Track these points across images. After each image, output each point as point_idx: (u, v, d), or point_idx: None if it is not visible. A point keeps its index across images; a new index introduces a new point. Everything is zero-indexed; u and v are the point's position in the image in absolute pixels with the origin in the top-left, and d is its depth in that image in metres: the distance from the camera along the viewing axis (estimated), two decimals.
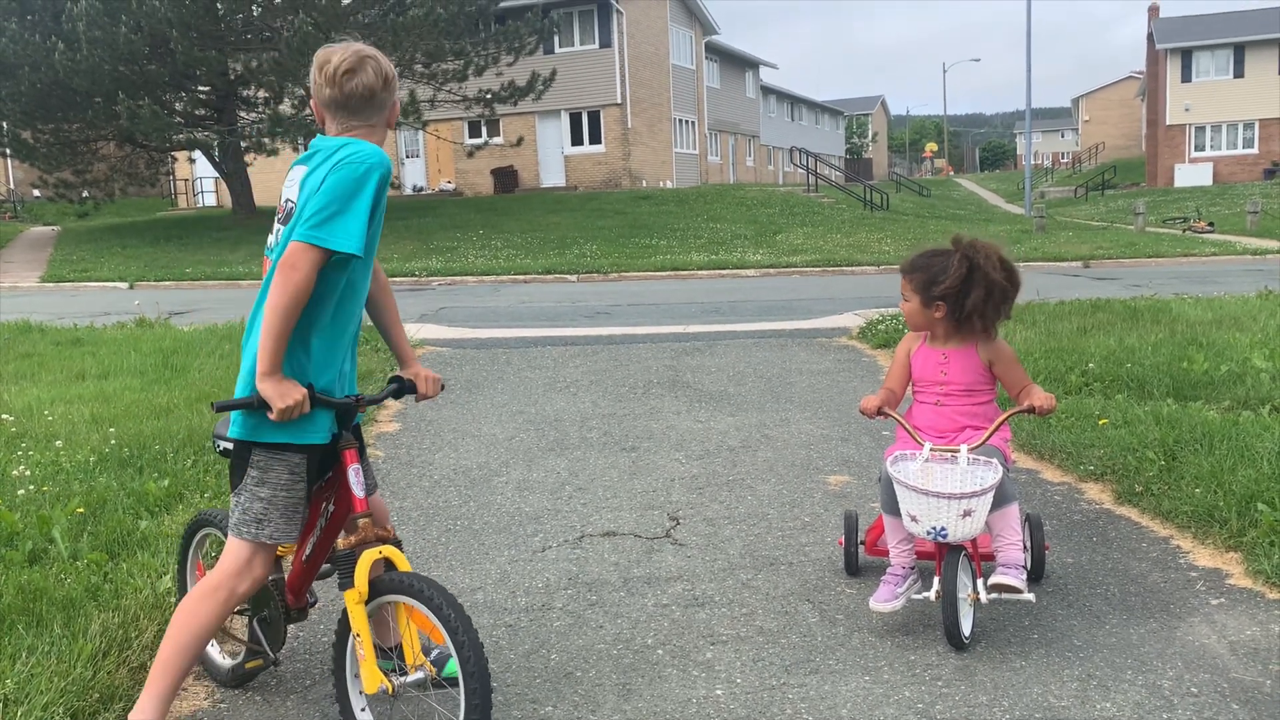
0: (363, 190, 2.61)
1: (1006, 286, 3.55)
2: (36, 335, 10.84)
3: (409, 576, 2.74)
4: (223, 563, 2.85)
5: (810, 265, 19.74)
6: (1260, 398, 6.28)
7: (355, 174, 2.61)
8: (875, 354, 9.25)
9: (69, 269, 22.31)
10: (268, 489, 2.79)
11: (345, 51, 2.74)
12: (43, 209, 34.94)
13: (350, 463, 2.83)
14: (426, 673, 2.77)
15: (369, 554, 2.75)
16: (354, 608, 2.75)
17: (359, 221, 2.61)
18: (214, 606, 2.82)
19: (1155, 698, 3.12)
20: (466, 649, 2.61)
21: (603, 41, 35.85)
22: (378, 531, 2.81)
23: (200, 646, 2.85)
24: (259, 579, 2.86)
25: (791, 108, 61.37)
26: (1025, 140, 31.94)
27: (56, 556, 4.16)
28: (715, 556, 4.42)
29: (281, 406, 2.61)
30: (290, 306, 2.58)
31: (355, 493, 2.80)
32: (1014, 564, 3.52)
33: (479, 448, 6.34)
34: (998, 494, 3.48)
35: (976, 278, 3.51)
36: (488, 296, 16.25)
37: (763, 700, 3.19)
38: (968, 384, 3.67)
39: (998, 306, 3.57)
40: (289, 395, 2.63)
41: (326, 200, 2.59)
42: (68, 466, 5.40)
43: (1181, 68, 46.04)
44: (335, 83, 2.72)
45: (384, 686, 2.73)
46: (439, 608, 2.64)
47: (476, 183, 37.16)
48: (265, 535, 2.81)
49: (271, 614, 3.11)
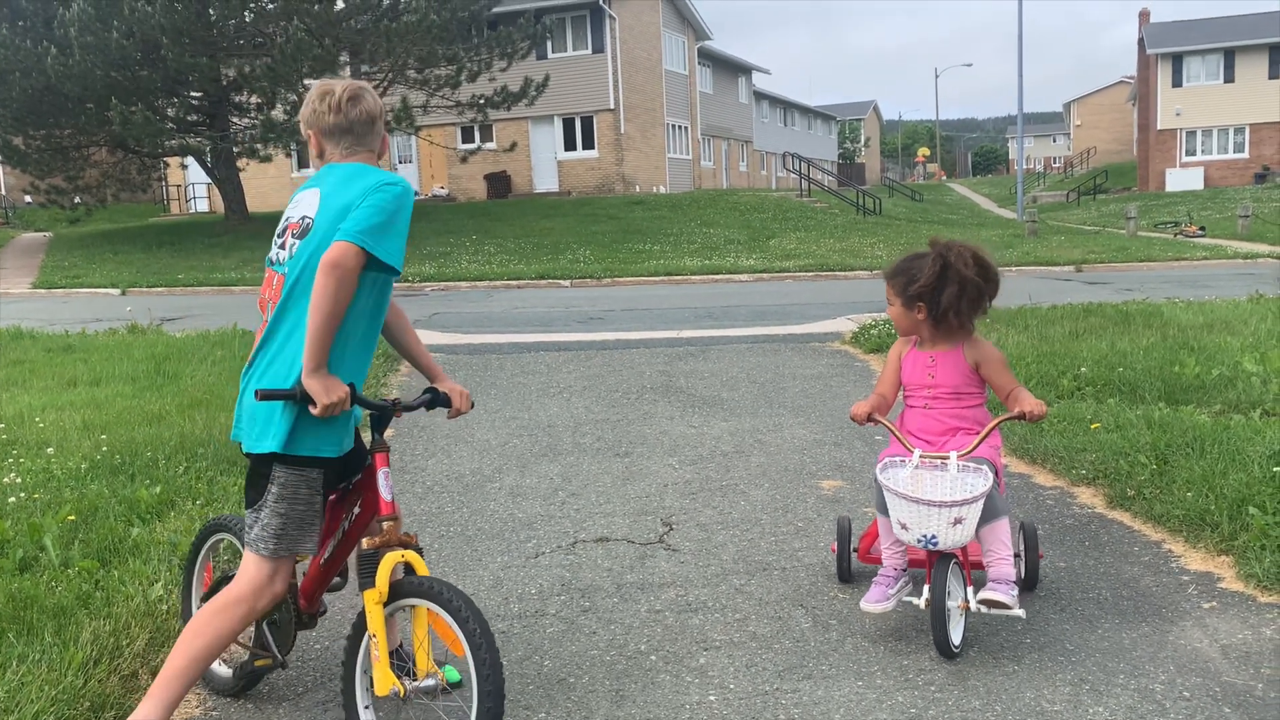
0: (403, 211, 2.76)
1: (980, 283, 3.56)
2: (28, 342, 10.81)
3: (434, 582, 2.76)
4: (242, 577, 2.86)
5: (803, 270, 19.76)
6: (1251, 401, 6.30)
7: (396, 195, 2.75)
8: (868, 359, 9.26)
9: (61, 275, 22.25)
10: (286, 504, 2.82)
11: (345, 82, 2.92)
12: (34, 215, 34.87)
13: (381, 465, 2.88)
14: (438, 681, 2.79)
15: (391, 556, 2.78)
16: (373, 608, 2.77)
17: (401, 240, 2.75)
18: (230, 620, 2.85)
19: (1147, 702, 3.12)
20: (487, 666, 2.62)
21: (595, 47, 35.88)
22: (402, 536, 2.85)
23: (213, 658, 2.87)
24: (279, 594, 2.89)
25: (784, 113, 61.47)
26: (1017, 145, 32.05)
27: (47, 564, 4.15)
28: (708, 562, 4.42)
29: (327, 401, 2.68)
30: (338, 303, 2.66)
31: (384, 495, 2.85)
32: (1004, 579, 3.51)
33: (472, 453, 6.34)
34: (988, 508, 3.47)
35: (950, 275, 3.54)
36: (481, 302, 16.24)
37: (756, 706, 3.19)
38: (955, 386, 3.67)
39: (972, 303, 3.58)
40: (334, 391, 2.70)
41: (373, 212, 2.70)
42: (59, 474, 5.38)
43: (1172, 72, 46.22)
44: (340, 109, 2.86)
45: (395, 689, 2.75)
46: (465, 620, 2.66)
47: (470, 188, 37.15)
48: (285, 550, 2.85)
49: (282, 617, 3.12)
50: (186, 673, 2.82)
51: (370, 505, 2.92)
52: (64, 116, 24.97)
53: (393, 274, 2.81)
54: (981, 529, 3.52)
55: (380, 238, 2.68)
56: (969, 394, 3.70)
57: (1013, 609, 3.44)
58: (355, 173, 2.82)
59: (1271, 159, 45.00)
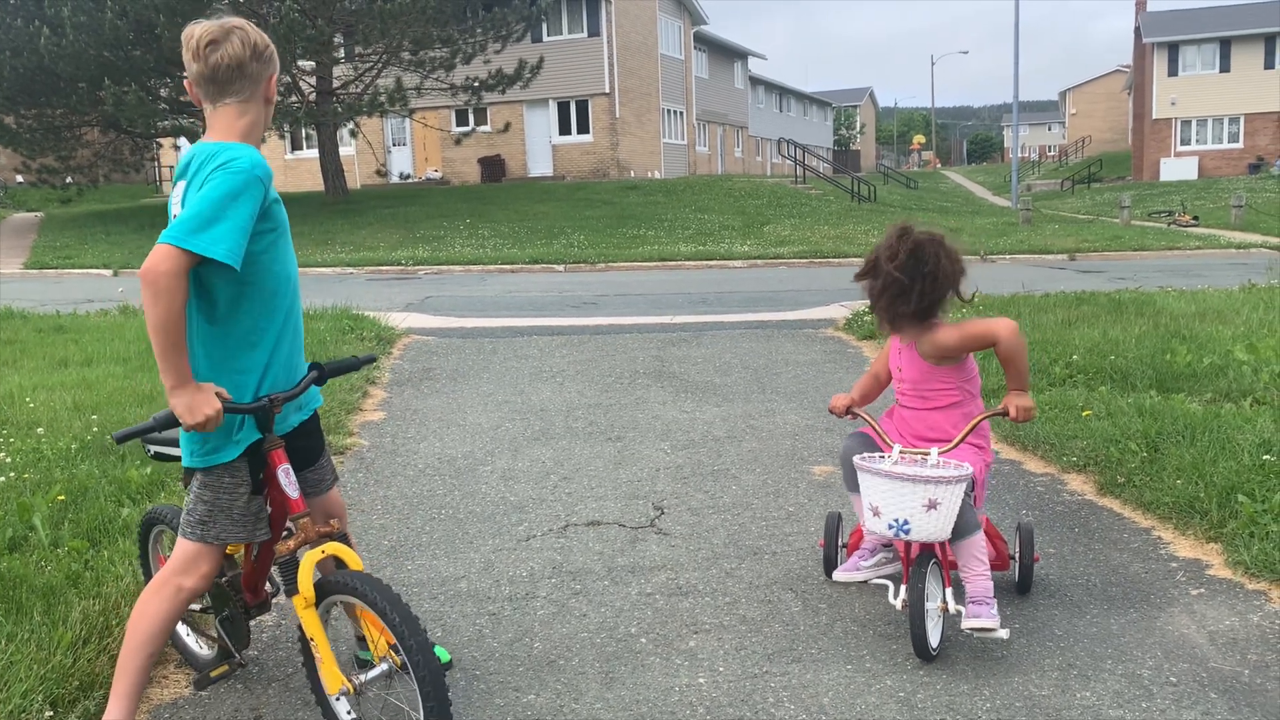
0: (242, 197, 2.50)
1: (899, 279, 3.38)
2: (19, 322, 10.76)
3: (353, 577, 2.66)
4: (170, 560, 2.83)
5: (797, 257, 19.75)
6: (1242, 390, 6.32)
7: (230, 178, 2.49)
8: (861, 345, 9.27)
9: (52, 255, 22.14)
10: (210, 492, 2.75)
11: (210, 24, 2.61)
12: (25, 195, 34.65)
13: (278, 464, 2.73)
14: (391, 664, 2.70)
15: (310, 556, 2.68)
16: (302, 613, 2.70)
17: (230, 225, 2.47)
18: (162, 603, 2.78)
19: (1134, 687, 3.14)
20: (415, 652, 2.54)
21: (591, 30, 35.73)
22: (318, 529, 2.73)
23: (156, 643, 2.80)
24: (207, 574, 2.80)
25: (780, 99, 61.33)
26: (1012, 133, 32.06)
27: (37, 544, 4.14)
28: (699, 546, 4.43)
29: (191, 423, 2.51)
30: (164, 314, 2.44)
31: (288, 494, 2.72)
32: (983, 597, 3.37)
33: (464, 437, 6.33)
34: (959, 524, 3.32)
35: (877, 269, 3.46)
36: (474, 286, 16.21)
37: (745, 689, 3.20)
38: (914, 380, 3.56)
39: (893, 300, 3.41)
40: (198, 410, 2.51)
41: (199, 203, 2.46)
42: (49, 454, 5.37)
43: (1168, 62, 46.19)
44: (200, 56, 2.60)
45: (345, 687, 2.70)
46: (384, 611, 2.58)
47: (463, 171, 37.04)
48: (210, 537, 2.77)
49: (233, 613, 3.06)
50: (132, 661, 2.78)
51: (279, 505, 2.79)
52: (56, 96, 24.82)
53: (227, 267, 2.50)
54: (956, 544, 3.41)
55: (201, 231, 2.42)
56: (936, 392, 3.54)
57: (996, 631, 3.30)
58: (210, 156, 2.57)
59: (1266, 149, 45.04)
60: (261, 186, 2.56)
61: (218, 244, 2.45)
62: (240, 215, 2.49)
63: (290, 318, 2.80)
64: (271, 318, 2.73)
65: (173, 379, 2.52)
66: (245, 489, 2.76)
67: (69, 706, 2.99)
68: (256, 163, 2.57)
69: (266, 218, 2.62)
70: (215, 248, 2.45)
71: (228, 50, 2.60)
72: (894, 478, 3.27)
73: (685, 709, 3.09)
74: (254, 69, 2.64)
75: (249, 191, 2.52)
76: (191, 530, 2.77)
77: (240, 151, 2.57)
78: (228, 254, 2.47)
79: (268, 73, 2.68)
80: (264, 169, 2.59)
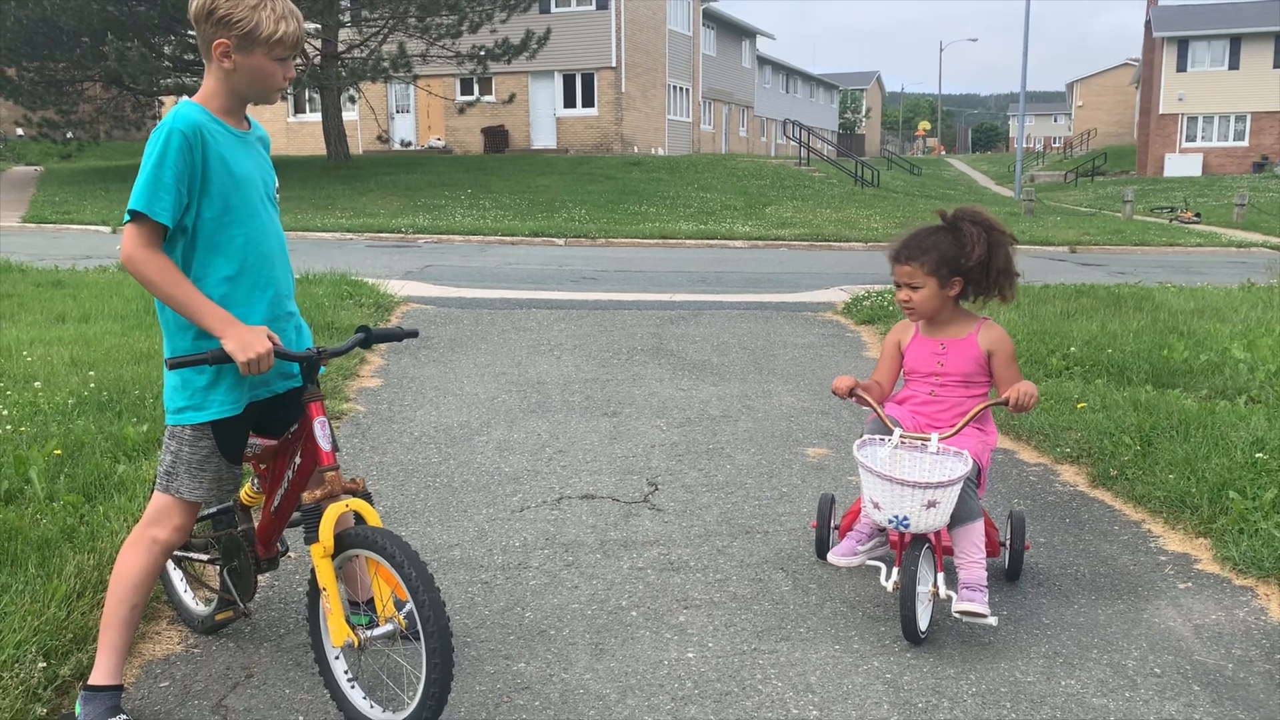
0: (166, 157, 2.56)
1: (1014, 241, 3.57)
2: (17, 276, 10.74)
3: (374, 531, 2.71)
4: (146, 513, 2.85)
5: (798, 239, 19.71)
6: (1237, 388, 6.35)
7: (156, 139, 2.58)
8: (860, 329, 9.28)
9: (51, 210, 22.04)
10: (175, 443, 2.78)
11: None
12: (25, 148, 34.41)
13: (316, 415, 2.78)
14: (396, 625, 2.75)
15: (335, 508, 2.72)
16: (319, 562, 2.73)
17: (148, 180, 2.55)
18: (138, 556, 2.81)
19: (1119, 676, 3.17)
20: (427, 608, 2.58)
21: (599, 2, 35.49)
22: (345, 484, 2.78)
23: (137, 595, 2.82)
24: (180, 527, 2.82)
25: (787, 79, 61.07)
26: (1018, 123, 31.95)
27: (33, 497, 4.15)
28: (692, 523, 4.45)
29: (245, 359, 2.58)
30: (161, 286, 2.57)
31: (322, 445, 2.77)
32: (976, 584, 3.39)
33: (460, 406, 6.34)
34: (961, 511, 3.35)
35: (995, 238, 3.48)
36: (474, 256, 16.17)
37: (733, 665, 3.23)
38: (965, 374, 3.55)
39: (1009, 263, 3.55)
40: (250, 348, 2.58)
41: (140, 173, 2.57)
42: (46, 408, 5.37)
43: (1177, 57, 46.02)
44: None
45: (350, 640, 2.73)
46: (401, 565, 2.62)
47: (466, 141, 36.88)
48: (174, 490, 2.79)
49: (242, 564, 3.09)
50: (115, 615, 2.80)
51: (310, 456, 2.83)
52: (59, 50, 24.63)
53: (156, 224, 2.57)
54: (954, 530, 3.43)
55: (138, 198, 2.54)
56: (978, 382, 3.57)
57: (987, 618, 3.32)
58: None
59: (1271, 148, 44.97)
60: (182, 138, 2.57)
61: (154, 206, 2.54)
62: (165, 175, 2.56)
63: (266, 285, 2.80)
64: (236, 283, 2.73)
65: (215, 324, 2.60)
66: (207, 452, 2.77)
67: (62, 658, 3.01)
68: (177, 116, 2.60)
69: (205, 178, 2.63)
70: (155, 210, 2.54)
71: (190, 10, 2.69)
72: (894, 482, 3.27)
73: (674, 682, 3.12)
74: (206, 30, 2.66)
75: (169, 146, 2.56)
76: (159, 481, 2.82)
77: (173, 112, 2.63)
78: (164, 212, 2.55)
79: (216, 37, 2.64)
80: (185, 121, 2.60)
